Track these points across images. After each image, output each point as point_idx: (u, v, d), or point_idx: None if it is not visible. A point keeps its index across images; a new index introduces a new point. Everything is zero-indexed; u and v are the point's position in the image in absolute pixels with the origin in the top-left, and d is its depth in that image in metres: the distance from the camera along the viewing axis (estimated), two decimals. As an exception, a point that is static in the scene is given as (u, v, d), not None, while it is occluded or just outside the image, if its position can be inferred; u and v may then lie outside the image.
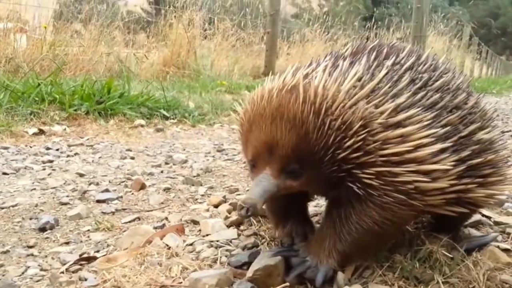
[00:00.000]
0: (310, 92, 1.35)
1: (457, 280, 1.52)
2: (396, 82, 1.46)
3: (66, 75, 6.36)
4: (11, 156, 3.29)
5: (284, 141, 1.35)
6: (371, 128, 1.34)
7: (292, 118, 1.34)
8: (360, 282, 1.47)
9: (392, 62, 1.52)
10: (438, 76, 1.56)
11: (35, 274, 1.56)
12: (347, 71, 1.45)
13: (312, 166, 1.37)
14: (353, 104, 1.35)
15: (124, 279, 1.47)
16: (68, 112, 4.47)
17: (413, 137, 1.37)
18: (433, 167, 1.38)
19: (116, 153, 3.60)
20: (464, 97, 1.58)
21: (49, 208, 2.27)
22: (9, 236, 1.92)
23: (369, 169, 1.35)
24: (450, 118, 1.48)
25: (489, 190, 1.58)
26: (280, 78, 1.49)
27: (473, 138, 1.53)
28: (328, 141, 1.33)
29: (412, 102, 1.42)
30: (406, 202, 1.38)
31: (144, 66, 8.23)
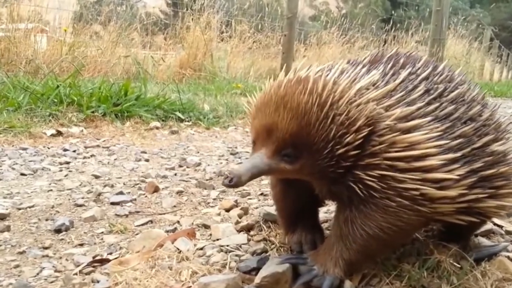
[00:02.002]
0: (318, 84, 1.36)
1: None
2: (411, 91, 1.46)
3: (85, 76, 6.47)
4: (29, 157, 3.37)
5: (284, 126, 1.36)
6: (377, 128, 1.34)
7: (295, 107, 1.35)
8: (368, 290, 1.49)
9: (409, 72, 1.53)
10: (453, 87, 1.56)
11: (50, 275, 1.61)
12: (363, 75, 1.47)
13: (308, 155, 1.37)
14: (362, 103, 1.35)
15: (135, 282, 1.50)
16: (86, 114, 4.55)
17: (422, 146, 1.37)
18: (440, 176, 1.38)
19: (131, 155, 3.65)
20: (478, 109, 1.58)
21: (65, 210, 2.33)
22: (26, 237, 1.97)
23: (372, 171, 1.35)
24: (464, 130, 1.48)
25: (500, 201, 1.57)
26: (295, 73, 1.51)
27: (486, 150, 1.53)
28: (329, 134, 1.33)
29: (425, 112, 1.43)
30: (411, 207, 1.38)
31: (161, 68, 8.32)
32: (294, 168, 1.42)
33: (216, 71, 8.58)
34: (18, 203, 2.37)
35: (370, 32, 14.26)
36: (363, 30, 13.84)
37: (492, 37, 19.60)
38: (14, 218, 2.18)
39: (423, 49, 13.83)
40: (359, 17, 15.22)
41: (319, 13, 22.91)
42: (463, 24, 15.64)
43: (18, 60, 6.41)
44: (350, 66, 1.54)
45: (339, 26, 12.08)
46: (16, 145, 3.64)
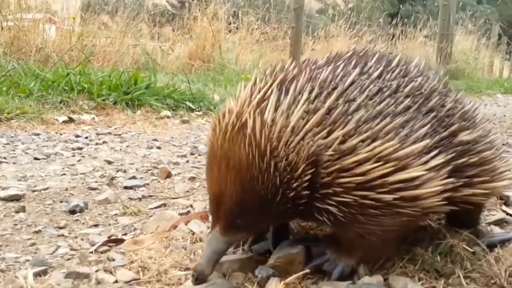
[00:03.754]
0: (255, 131, 1.30)
1: (479, 275, 1.52)
2: (361, 93, 1.40)
3: (94, 65, 6.49)
4: (42, 142, 3.40)
5: (230, 194, 1.32)
6: (321, 162, 1.29)
7: (237, 165, 1.30)
8: (381, 273, 1.49)
9: (359, 71, 1.46)
10: (408, 81, 1.51)
11: (66, 253, 1.63)
12: (302, 92, 1.37)
13: (262, 210, 1.33)
14: (300, 139, 1.29)
15: (150, 261, 1.52)
16: (96, 101, 4.57)
17: (376, 151, 1.30)
18: (412, 174, 1.32)
19: (143, 143, 3.67)
20: (439, 99, 1.52)
21: (79, 193, 2.35)
22: (41, 217, 2.00)
23: (331, 200, 1.31)
24: (425, 121, 1.43)
25: (475, 189, 1.54)
26: (240, 101, 1.42)
27: (453, 140, 1.49)
28: (275, 183, 1.28)
29: (378, 111, 1.37)
30: (394, 211, 1.34)
31: (170, 59, 8.33)
32: (254, 231, 1.45)
33: (225, 63, 8.57)
34: (32, 186, 2.40)
35: (377, 26, 14.19)
36: (370, 24, 13.78)
37: (500, 33, 19.43)
38: (29, 200, 2.20)
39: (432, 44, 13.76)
40: (365, 11, 15.14)
41: (326, 6, 22.79)
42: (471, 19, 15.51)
43: (28, 49, 6.44)
44: (289, 83, 1.42)
45: (347, 19, 12.03)
46: (28, 130, 3.67)
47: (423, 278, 1.49)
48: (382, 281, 1.44)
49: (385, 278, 1.47)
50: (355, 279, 1.47)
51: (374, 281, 1.44)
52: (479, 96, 9.12)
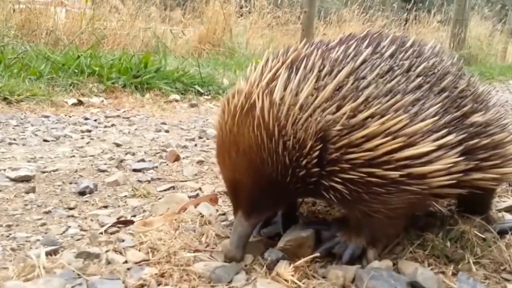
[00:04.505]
0: (264, 113, 1.30)
1: (488, 261, 1.51)
2: (371, 71, 1.38)
3: (104, 49, 6.48)
4: (52, 124, 3.41)
5: (245, 181, 1.34)
6: (329, 137, 1.28)
7: (247, 149, 1.31)
8: (390, 258, 1.49)
9: (371, 50, 1.44)
10: (421, 61, 1.49)
11: (76, 234, 1.64)
12: (312, 70, 1.37)
13: (279, 190, 1.35)
14: (308, 117, 1.29)
15: (159, 242, 1.53)
16: (106, 84, 4.57)
17: (387, 125, 1.29)
18: (420, 149, 1.30)
19: (151, 126, 3.67)
20: (452, 80, 1.50)
21: (88, 174, 2.36)
22: (51, 198, 2.01)
23: (337, 177, 1.30)
24: (437, 100, 1.42)
25: (485, 173, 1.52)
26: (249, 81, 1.42)
27: (465, 121, 1.47)
28: (285, 163, 1.29)
29: (388, 89, 1.35)
30: (400, 189, 1.33)
31: (180, 43, 8.29)
32: (274, 210, 1.46)
33: (235, 47, 8.52)
34: (42, 167, 2.41)
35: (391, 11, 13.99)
36: (384, 8, 13.59)
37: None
38: (39, 181, 2.22)
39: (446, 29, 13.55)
40: (379, -5, 14.89)
41: (339, -9, 22.48)
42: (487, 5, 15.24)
43: (39, 31, 6.44)
44: (300, 62, 1.42)
45: (360, 4, 11.86)
46: (38, 112, 3.68)
47: (433, 264, 1.48)
48: (391, 266, 1.44)
49: (395, 263, 1.46)
50: (364, 263, 1.46)
51: (383, 265, 1.43)
52: (491, 83, 8.99)
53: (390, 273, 1.39)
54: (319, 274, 1.40)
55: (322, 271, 1.41)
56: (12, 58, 4.49)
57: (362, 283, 1.34)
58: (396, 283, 1.36)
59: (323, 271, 1.41)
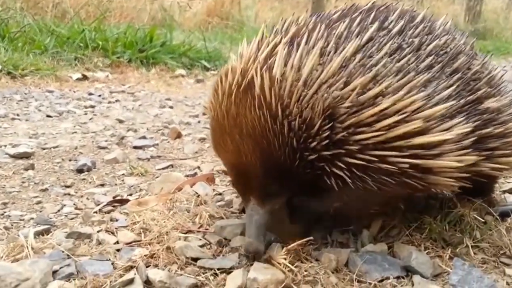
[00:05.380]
0: (265, 91, 1.19)
1: (488, 245, 1.48)
2: (379, 50, 1.28)
3: (111, 22, 6.41)
4: (55, 99, 3.40)
5: (253, 165, 1.23)
6: (337, 115, 1.18)
7: (251, 130, 1.21)
8: (386, 241, 1.46)
9: (378, 26, 1.33)
10: (432, 39, 1.38)
11: (70, 212, 1.64)
12: (315, 45, 1.26)
13: (289, 175, 1.24)
14: (314, 93, 1.18)
15: (152, 222, 1.51)
16: (111, 59, 4.54)
17: (397, 107, 1.19)
18: (433, 138, 1.21)
19: (156, 102, 3.65)
20: (465, 60, 1.40)
21: (88, 151, 2.35)
22: (49, 175, 2.01)
23: (343, 161, 1.20)
24: (450, 83, 1.31)
25: (495, 164, 1.43)
26: (245, 55, 1.31)
27: (479, 107, 1.37)
28: (292, 145, 1.19)
29: (398, 68, 1.26)
30: (401, 181, 1.23)
31: (188, 16, 8.18)
32: (290, 193, 1.33)
33: (244, 20, 8.40)
34: (43, 143, 2.41)
35: (405, -18, 13.61)
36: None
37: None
38: (39, 157, 2.21)
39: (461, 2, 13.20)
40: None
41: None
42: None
43: (45, 4, 6.39)
44: (301, 37, 1.31)
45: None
46: (42, 87, 3.68)
47: (430, 247, 1.45)
48: (386, 250, 1.41)
49: (390, 246, 1.44)
50: (358, 246, 1.44)
51: (378, 249, 1.41)
52: (506, 58, 8.78)
53: (385, 257, 1.37)
54: (312, 257, 1.37)
55: (316, 254, 1.38)
56: (16, 32, 4.45)
57: (355, 267, 1.32)
58: (390, 267, 1.33)
59: (316, 254, 1.38)
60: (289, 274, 1.26)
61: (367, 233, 1.47)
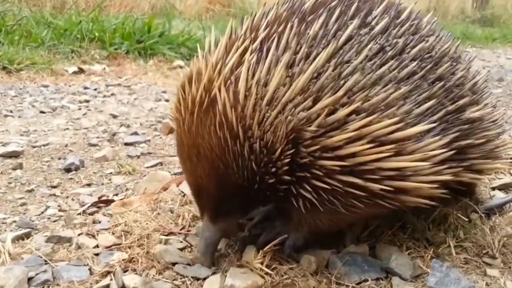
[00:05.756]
0: (226, 109, 1.11)
1: (471, 244, 1.46)
2: (358, 53, 1.18)
3: (111, 12, 6.37)
4: (50, 94, 3.40)
5: (207, 185, 1.20)
6: (302, 139, 1.11)
7: (208, 153, 1.16)
8: (369, 242, 1.45)
9: (359, 23, 1.23)
10: (418, 40, 1.28)
11: (53, 215, 1.64)
12: (285, 50, 1.16)
13: (248, 195, 1.20)
14: (278, 114, 1.10)
15: (134, 224, 1.51)
16: (109, 51, 4.52)
17: (374, 127, 1.11)
18: (407, 163, 1.14)
19: (152, 95, 3.63)
20: (450, 65, 1.32)
21: (78, 149, 2.35)
22: (36, 175, 2.01)
23: (311, 184, 1.14)
24: (432, 92, 1.23)
25: (475, 175, 1.40)
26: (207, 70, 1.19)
27: (461, 116, 1.31)
28: (252, 168, 1.13)
29: (378, 76, 1.17)
30: (374, 202, 1.18)
31: (189, 3, 8.09)
32: (243, 214, 1.32)
33: (246, 7, 8.29)
34: (33, 141, 2.41)
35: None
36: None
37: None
38: (28, 156, 2.22)
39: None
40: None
41: None
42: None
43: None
44: (271, 40, 1.20)
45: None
46: (38, 82, 3.67)
47: (412, 247, 1.44)
48: (367, 251, 1.40)
49: (373, 246, 1.43)
50: (340, 247, 1.43)
51: (359, 250, 1.40)
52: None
53: (365, 258, 1.36)
54: (293, 259, 1.36)
55: (294, 255, 1.37)
56: (13, 25, 4.44)
57: (335, 269, 1.32)
58: (369, 268, 1.33)
59: (295, 255, 1.37)
60: (267, 277, 1.26)
61: (349, 234, 1.46)
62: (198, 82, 1.19)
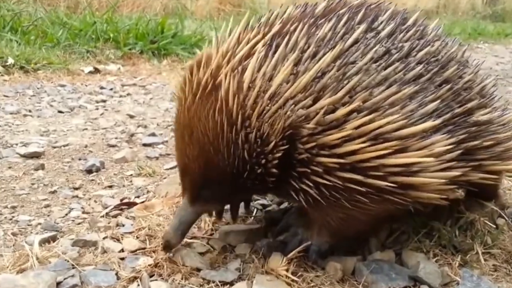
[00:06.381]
0: (229, 96, 1.13)
1: (499, 251, 1.45)
2: (364, 55, 1.19)
3: (123, 12, 6.39)
4: (67, 94, 3.41)
5: (193, 167, 1.21)
6: (299, 135, 1.12)
7: (201, 136, 1.17)
8: (395, 248, 1.43)
9: (366, 27, 1.25)
10: (423, 45, 1.29)
11: (77, 217, 1.64)
12: (294, 49, 1.18)
13: (231, 184, 1.20)
14: (278, 108, 1.12)
15: (158, 228, 1.51)
16: (123, 51, 4.53)
17: (377, 124, 1.11)
18: (413, 159, 1.14)
19: (167, 95, 3.64)
20: (456, 69, 1.32)
21: (98, 150, 2.36)
22: (58, 176, 2.01)
23: (310, 179, 1.14)
24: (439, 94, 1.24)
25: (485, 174, 1.37)
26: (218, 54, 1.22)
27: (468, 119, 1.30)
28: (244, 157, 1.14)
29: (383, 77, 1.18)
30: (384, 198, 1.17)
31: (200, 3, 8.10)
32: (223, 203, 1.34)
33: (257, 7, 8.29)
34: (53, 141, 2.42)
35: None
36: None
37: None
38: (49, 157, 2.22)
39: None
40: None
41: None
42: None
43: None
44: (282, 37, 1.22)
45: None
46: (54, 81, 3.69)
47: (439, 254, 1.42)
48: (394, 258, 1.39)
49: (398, 253, 1.41)
50: (365, 253, 1.42)
51: (385, 257, 1.39)
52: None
53: (392, 266, 1.35)
54: (318, 265, 1.35)
55: (320, 262, 1.36)
56: (29, 25, 4.47)
57: (361, 277, 1.30)
58: (397, 276, 1.31)
59: (320, 262, 1.36)
60: (294, 285, 1.25)
61: (374, 240, 1.44)
62: (206, 66, 1.21)
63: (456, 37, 1.52)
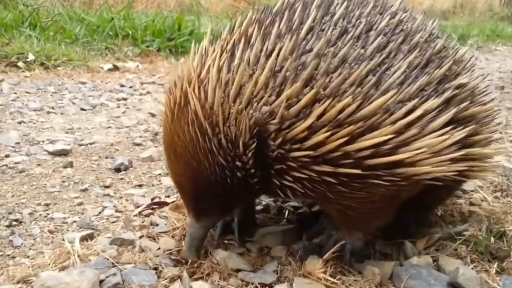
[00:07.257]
0: (197, 109, 1.14)
1: (535, 259, 1.44)
2: (318, 39, 1.15)
3: (138, 8, 6.41)
4: (88, 91, 3.43)
5: (185, 183, 1.24)
6: (267, 132, 1.10)
7: (183, 150, 1.18)
8: (431, 254, 1.43)
9: (321, 13, 1.21)
10: (384, 17, 1.24)
11: (111, 215, 1.65)
12: (251, 50, 1.17)
13: (226, 192, 1.20)
14: (242, 110, 1.11)
15: (192, 229, 1.51)
16: (141, 48, 4.54)
17: (334, 111, 1.08)
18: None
19: (186, 93, 3.64)
20: (427, 36, 1.27)
21: (124, 148, 2.37)
22: (87, 174, 2.03)
23: (289, 175, 1.13)
24: (408, 60, 1.18)
25: (475, 163, 1.33)
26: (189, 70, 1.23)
27: (451, 82, 1.24)
28: (221, 164, 1.14)
29: (341, 59, 1.13)
30: (368, 183, 1.14)
31: (214, 0, 8.12)
32: (225, 212, 1.34)
33: (272, 4, 8.28)
34: (79, 139, 2.43)
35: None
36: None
37: None
38: (76, 155, 2.24)
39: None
40: None
41: None
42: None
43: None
44: (239, 43, 1.22)
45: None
46: (75, 78, 3.71)
47: (476, 261, 1.42)
48: (431, 263, 1.39)
49: (435, 259, 1.41)
50: (401, 258, 1.41)
51: (422, 262, 1.38)
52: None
53: (430, 271, 1.34)
54: (354, 269, 1.35)
55: (357, 266, 1.36)
56: (47, 21, 4.49)
57: (399, 282, 1.30)
58: (435, 282, 1.31)
59: (357, 266, 1.36)
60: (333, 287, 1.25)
61: (410, 245, 1.44)
62: (179, 84, 1.23)
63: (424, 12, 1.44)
